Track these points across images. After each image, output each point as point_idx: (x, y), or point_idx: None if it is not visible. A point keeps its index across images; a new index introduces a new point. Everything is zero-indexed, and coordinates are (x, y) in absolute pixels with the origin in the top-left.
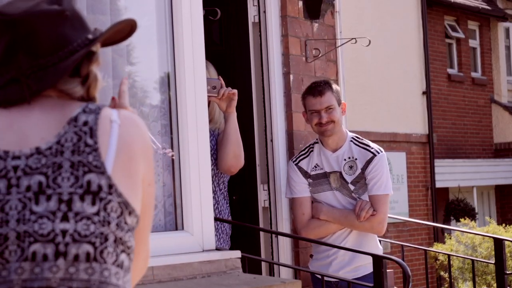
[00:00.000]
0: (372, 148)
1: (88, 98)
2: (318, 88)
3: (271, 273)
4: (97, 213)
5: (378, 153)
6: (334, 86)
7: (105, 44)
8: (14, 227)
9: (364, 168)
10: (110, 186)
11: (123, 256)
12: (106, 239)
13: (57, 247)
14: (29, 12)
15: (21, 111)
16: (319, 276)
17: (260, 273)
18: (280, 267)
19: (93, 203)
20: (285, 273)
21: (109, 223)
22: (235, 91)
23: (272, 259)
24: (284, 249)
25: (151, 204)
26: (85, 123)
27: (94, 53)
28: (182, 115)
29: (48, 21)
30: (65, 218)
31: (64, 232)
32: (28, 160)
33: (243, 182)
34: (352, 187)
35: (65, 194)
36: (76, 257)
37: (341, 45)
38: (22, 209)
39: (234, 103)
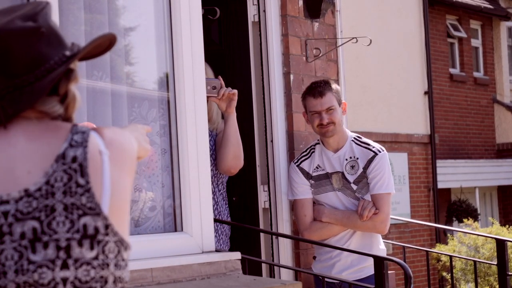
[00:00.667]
0: (373, 147)
1: (66, 117)
2: (319, 88)
3: (271, 274)
4: (96, 257)
5: (380, 152)
6: (334, 85)
7: (83, 58)
8: (13, 278)
9: (366, 167)
10: (107, 226)
11: None
12: (106, 282)
13: None
14: (2, 29)
15: (6, 139)
16: (321, 278)
17: (260, 275)
18: (281, 268)
19: (92, 248)
20: (286, 275)
21: (108, 265)
22: (235, 91)
23: (273, 260)
24: (285, 251)
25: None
26: (74, 160)
27: (72, 70)
28: (181, 115)
29: (23, 38)
30: (65, 266)
31: (64, 280)
32: (18, 205)
33: (243, 183)
34: (354, 187)
35: (62, 241)
36: None
37: (341, 45)
38: (19, 259)
39: (234, 103)
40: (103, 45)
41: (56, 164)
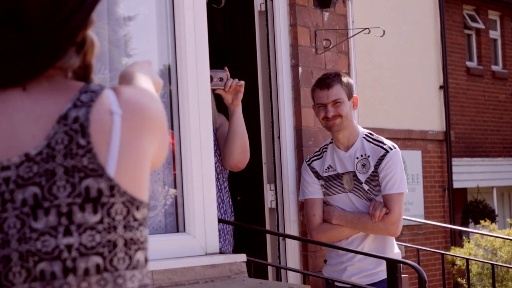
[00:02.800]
0: (385, 144)
1: (84, 65)
2: (327, 80)
3: (278, 277)
4: (101, 221)
5: (391, 149)
6: (346, 78)
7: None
8: (16, 247)
9: (377, 165)
10: (112, 187)
11: (138, 255)
12: (115, 246)
13: (65, 264)
14: None
15: (13, 99)
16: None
17: (267, 278)
18: (288, 271)
19: (95, 211)
20: (293, 278)
21: (115, 228)
22: (243, 82)
23: (279, 263)
24: (292, 253)
25: (163, 158)
26: (75, 120)
27: (88, 15)
28: (184, 109)
29: None
30: (68, 232)
31: (69, 247)
32: (19, 170)
33: (248, 181)
34: (366, 187)
35: (63, 206)
36: (86, 271)
37: (353, 36)
38: (22, 227)
39: (241, 95)
40: None
41: (58, 125)
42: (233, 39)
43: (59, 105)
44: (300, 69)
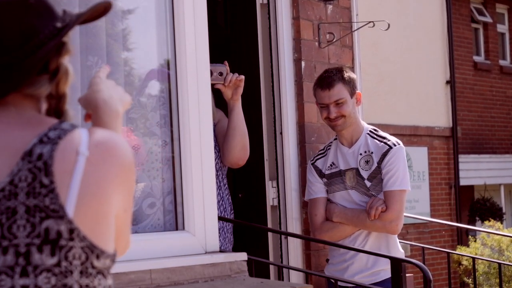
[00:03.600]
0: (388, 140)
1: (57, 94)
2: (328, 79)
3: (280, 277)
4: (58, 264)
5: (395, 145)
6: (348, 74)
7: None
8: None
9: (380, 161)
10: (71, 231)
11: None
12: None
13: None
14: None
15: None
16: (333, 281)
17: (268, 277)
18: (290, 270)
19: (53, 254)
20: (295, 278)
21: (71, 272)
22: (243, 77)
23: (281, 262)
24: (294, 251)
25: (125, 228)
26: (39, 157)
27: (64, 43)
28: (183, 104)
29: (10, 11)
30: (24, 273)
31: None
32: None
33: (249, 178)
34: (368, 184)
35: (22, 246)
36: None
37: (357, 29)
38: None
39: (241, 90)
40: (98, 10)
41: (22, 162)
42: (234, 33)
43: (25, 139)
44: (303, 63)
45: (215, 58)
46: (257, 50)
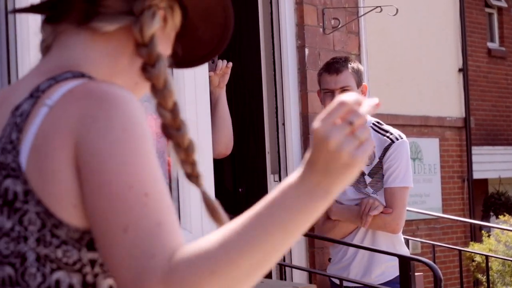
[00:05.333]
0: (391, 134)
1: (142, 41)
2: (336, 65)
3: (282, 276)
4: (12, 228)
5: (397, 139)
6: (356, 65)
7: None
8: None
9: (382, 156)
10: (26, 192)
11: (58, 275)
12: (25, 258)
13: None
14: None
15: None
16: (337, 282)
17: (270, 277)
18: (293, 269)
19: (9, 216)
20: (299, 277)
21: (26, 238)
22: (231, 64)
23: (284, 260)
24: (298, 250)
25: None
26: (22, 113)
27: None
28: (179, 94)
29: None
30: None
31: None
32: None
33: (250, 172)
34: (368, 180)
35: None
36: (3, 282)
37: (363, 15)
38: None
39: (227, 77)
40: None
41: (11, 117)
42: (235, 19)
43: (26, 91)
44: (306, 51)
45: None
46: (258, 37)
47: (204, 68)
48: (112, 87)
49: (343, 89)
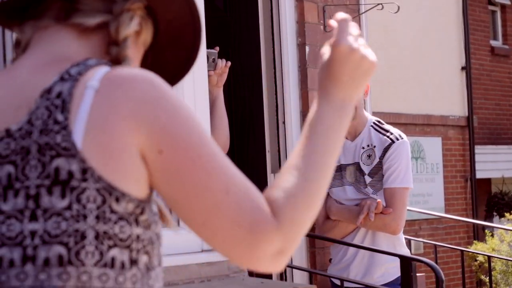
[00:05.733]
0: (391, 133)
1: (116, 40)
2: None
3: (282, 277)
4: (69, 207)
5: (398, 139)
6: None
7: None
8: None
9: (382, 156)
10: (84, 170)
11: (114, 252)
12: (83, 237)
13: (25, 251)
14: None
15: (10, 71)
16: (337, 282)
17: (270, 277)
18: (293, 270)
19: (63, 196)
20: (299, 277)
21: (85, 217)
22: (229, 63)
23: None
24: (298, 249)
25: (182, 170)
26: (59, 95)
27: None
28: (178, 92)
29: None
30: (33, 217)
31: (33, 234)
32: None
33: (250, 171)
34: (368, 180)
35: (32, 188)
36: (47, 261)
37: (365, 12)
38: None
39: (225, 76)
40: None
41: (41, 100)
42: (234, 16)
43: (50, 77)
44: (307, 48)
45: (212, 43)
46: (258, 34)
47: (203, 68)
48: (144, 71)
49: None
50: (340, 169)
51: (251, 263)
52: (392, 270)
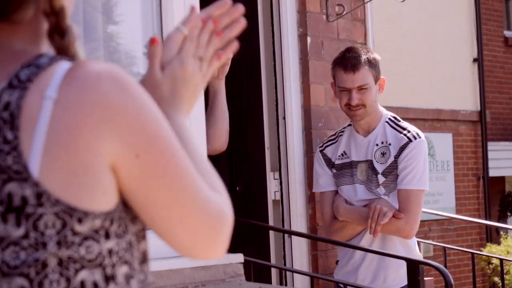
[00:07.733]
0: (408, 131)
1: (52, 11)
2: (353, 61)
3: (282, 281)
4: (26, 236)
5: (415, 138)
6: (374, 56)
7: None
8: None
9: (397, 155)
10: (39, 195)
11: (83, 275)
12: (45, 265)
13: None
14: None
15: None
16: (342, 286)
17: (269, 282)
18: (294, 274)
19: (18, 224)
20: (300, 282)
21: (44, 244)
22: (231, 55)
23: (284, 264)
24: (299, 252)
25: (159, 170)
26: (6, 106)
27: None
28: None
29: None
30: None
31: None
32: None
33: (248, 169)
34: (381, 179)
35: None
36: None
37: (370, 0)
38: None
39: (227, 68)
40: None
41: None
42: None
43: None
44: (308, 39)
45: None
46: (257, 24)
47: None
48: (107, 65)
49: (360, 88)
50: (351, 165)
51: (215, 249)
52: (404, 274)
